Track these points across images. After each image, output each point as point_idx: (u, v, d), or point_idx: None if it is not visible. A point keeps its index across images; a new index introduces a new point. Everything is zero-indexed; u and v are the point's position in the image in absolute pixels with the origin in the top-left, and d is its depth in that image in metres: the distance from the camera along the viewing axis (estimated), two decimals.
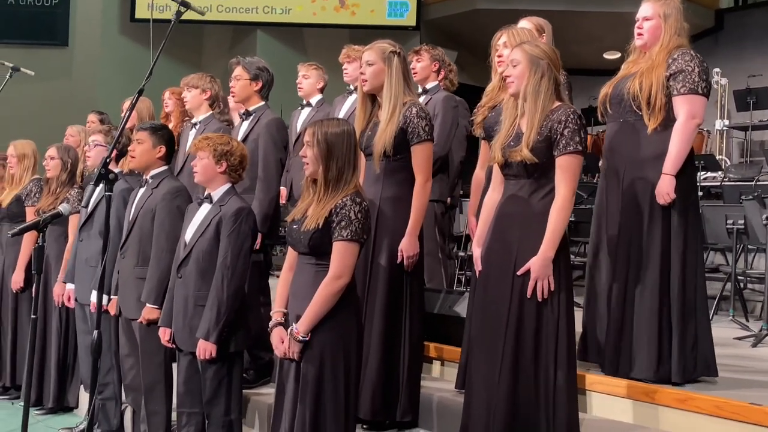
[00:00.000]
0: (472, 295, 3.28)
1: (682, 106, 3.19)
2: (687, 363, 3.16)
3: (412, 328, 3.28)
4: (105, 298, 3.83)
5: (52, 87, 9.13)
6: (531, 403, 2.71)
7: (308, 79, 4.95)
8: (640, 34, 3.33)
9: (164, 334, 3.42)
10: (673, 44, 3.26)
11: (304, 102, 5.01)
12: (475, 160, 3.71)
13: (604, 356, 3.27)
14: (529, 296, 2.72)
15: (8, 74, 4.57)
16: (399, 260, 3.23)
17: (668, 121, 3.22)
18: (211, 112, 4.48)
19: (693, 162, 3.30)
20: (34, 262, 2.93)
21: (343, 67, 4.76)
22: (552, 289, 2.71)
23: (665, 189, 3.16)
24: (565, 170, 2.74)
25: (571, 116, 2.76)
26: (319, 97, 4.99)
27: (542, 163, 2.76)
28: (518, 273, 2.73)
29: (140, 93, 2.97)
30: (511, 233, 2.80)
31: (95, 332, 2.81)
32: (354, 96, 4.70)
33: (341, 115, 4.54)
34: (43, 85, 8.79)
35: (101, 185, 2.83)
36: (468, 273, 5.87)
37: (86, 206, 3.51)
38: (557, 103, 2.82)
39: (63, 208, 3.28)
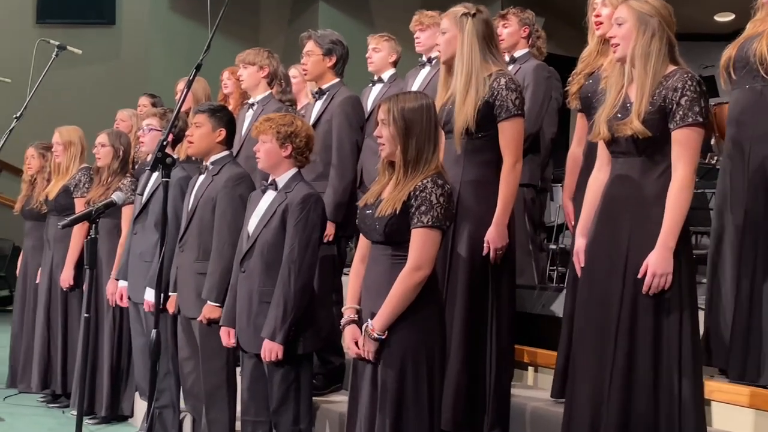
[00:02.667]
0: (570, 292, 3.23)
1: None
2: None
3: (500, 329, 3.25)
4: (152, 292, 3.91)
5: (99, 69, 9.37)
6: (649, 417, 2.64)
7: (379, 52, 4.96)
8: None
9: (226, 334, 3.48)
10: None
11: (375, 78, 5.03)
12: (565, 137, 3.65)
13: (728, 360, 3.17)
14: (644, 293, 2.64)
15: (54, 53, 4.70)
16: (485, 252, 3.20)
17: None
18: (270, 91, 4.53)
19: None
20: (86, 256, 3.01)
21: (415, 36, 4.76)
22: (673, 285, 2.63)
23: None
24: (684, 145, 2.65)
25: (689, 82, 2.67)
26: (391, 71, 4.99)
27: (656, 138, 2.68)
28: (639, 276, 2.64)
29: (198, 69, 3.04)
30: (621, 220, 2.73)
31: (153, 332, 2.87)
32: (428, 68, 4.69)
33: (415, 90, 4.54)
34: (90, 68, 9.04)
35: (157, 171, 2.89)
36: (561, 269, 5.78)
37: (141, 193, 3.61)
38: (672, 68, 2.73)
39: (117, 196, 3.37)
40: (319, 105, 4.16)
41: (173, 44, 9.61)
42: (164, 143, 2.91)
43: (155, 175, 4.03)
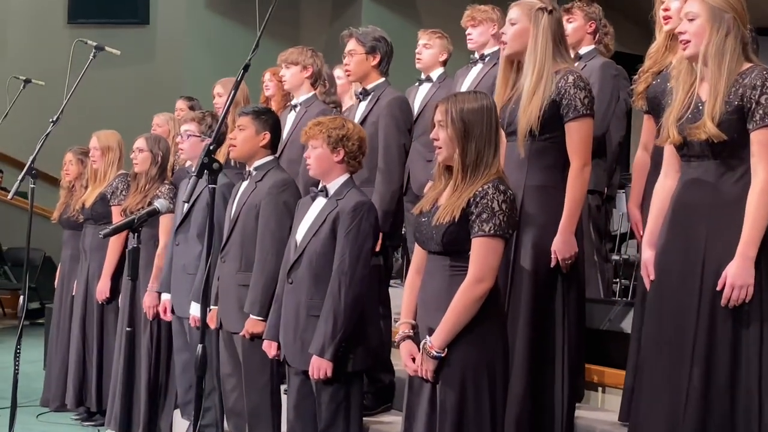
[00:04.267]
0: (640, 307, 3.19)
1: None
2: None
3: (570, 346, 3.22)
4: (197, 306, 3.92)
5: (133, 70, 9.48)
6: None
7: (430, 48, 4.94)
8: None
9: (270, 348, 3.49)
10: None
11: (423, 76, 5.02)
12: (627, 140, 3.59)
13: None
14: (723, 306, 2.61)
15: (91, 54, 4.75)
16: (554, 264, 3.17)
17: None
18: (314, 92, 4.55)
19: None
20: (128, 267, 3.04)
21: (467, 32, 4.74)
22: (753, 297, 2.59)
23: None
24: (765, 147, 2.62)
25: None
26: (440, 70, 4.98)
27: (733, 140, 2.65)
28: (717, 288, 2.61)
29: (246, 69, 3.05)
30: (695, 229, 2.70)
31: (199, 347, 2.89)
32: (479, 66, 4.68)
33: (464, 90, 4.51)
34: (124, 69, 9.14)
35: (203, 178, 2.91)
36: (624, 281, 5.72)
37: (188, 201, 3.65)
38: (747, 65, 2.70)
39: (160, 204, 3.39)
40: (363, 106, 4.16)
41: (210, 44, 9.71)
42: (211, 147, 2.92)
43: (197, 181, 4.05)
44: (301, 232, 3.42)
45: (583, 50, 4.35)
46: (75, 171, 5.56)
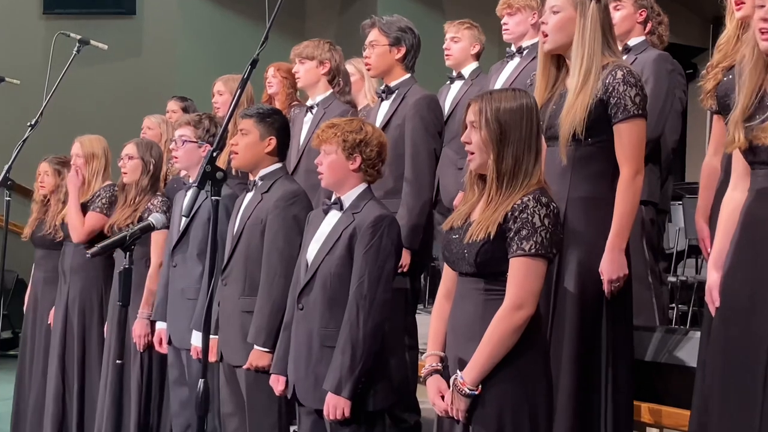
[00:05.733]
0: (705, 338, 3.17)
1: None
2: None
3: (617, 381, 3.22)
4: (198, 336, 3.93)
5: (118, 67, 9.49)
6: None
7: (459, 42, 4.99)
8: None
9: (277, 384, 3.49)
10: None
11: (454, 74, 5.04)
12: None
13: None
14: None
15: (75, 49, 4.76)
16: (606, 288, 3.17)
17: None
18: (331, 90, 4.57)
19: None
20: (119, 291, 3.05)
21: (503, 22, 4.77)
22: None
23: None
24: None
25: None
26: (473, 65, 5.02)
27: None
28: None
29: (254, 65, 3.07)
30: (765, 246, 2.68)
31: (201, 382, 2.90)
32: (516, 60, 4.70)
33: (498, 87, 4.52)
34: (108, 66, 9.16)
35: (206, 187, 2.92)
36: (681, 307, 5.72)
37: (187, 215, 3.66)
38: None
39: (155, 219, 3.41)
40: (386, 106, 4.17)
41: (204, 37, 9.76)
42: (214, 154, 2.93)
43: (198, 193, 4.05)
44: (312, 250, 3.42)
45: (632, 41, 4.35)
46: (51, 183, 5.53)
